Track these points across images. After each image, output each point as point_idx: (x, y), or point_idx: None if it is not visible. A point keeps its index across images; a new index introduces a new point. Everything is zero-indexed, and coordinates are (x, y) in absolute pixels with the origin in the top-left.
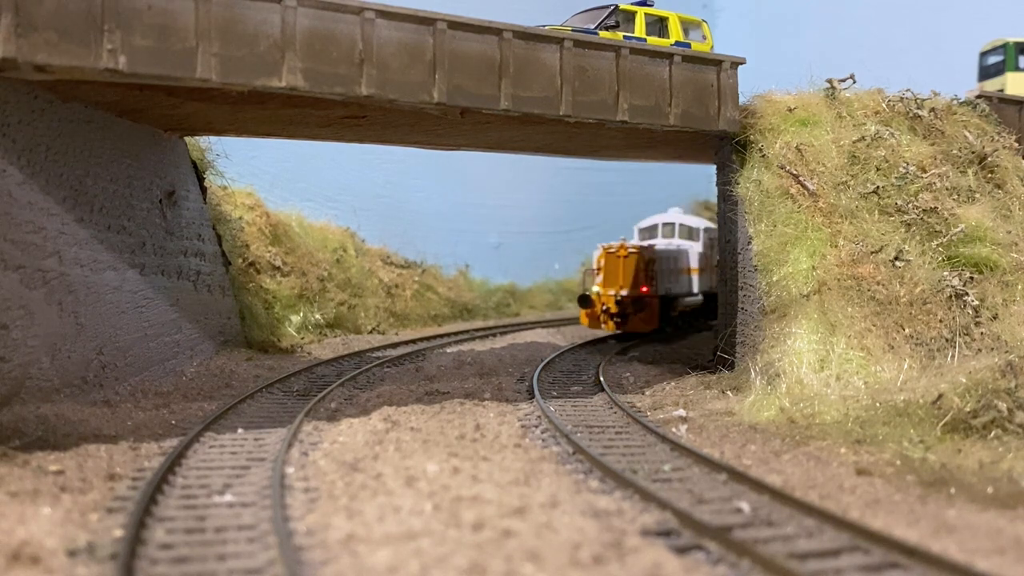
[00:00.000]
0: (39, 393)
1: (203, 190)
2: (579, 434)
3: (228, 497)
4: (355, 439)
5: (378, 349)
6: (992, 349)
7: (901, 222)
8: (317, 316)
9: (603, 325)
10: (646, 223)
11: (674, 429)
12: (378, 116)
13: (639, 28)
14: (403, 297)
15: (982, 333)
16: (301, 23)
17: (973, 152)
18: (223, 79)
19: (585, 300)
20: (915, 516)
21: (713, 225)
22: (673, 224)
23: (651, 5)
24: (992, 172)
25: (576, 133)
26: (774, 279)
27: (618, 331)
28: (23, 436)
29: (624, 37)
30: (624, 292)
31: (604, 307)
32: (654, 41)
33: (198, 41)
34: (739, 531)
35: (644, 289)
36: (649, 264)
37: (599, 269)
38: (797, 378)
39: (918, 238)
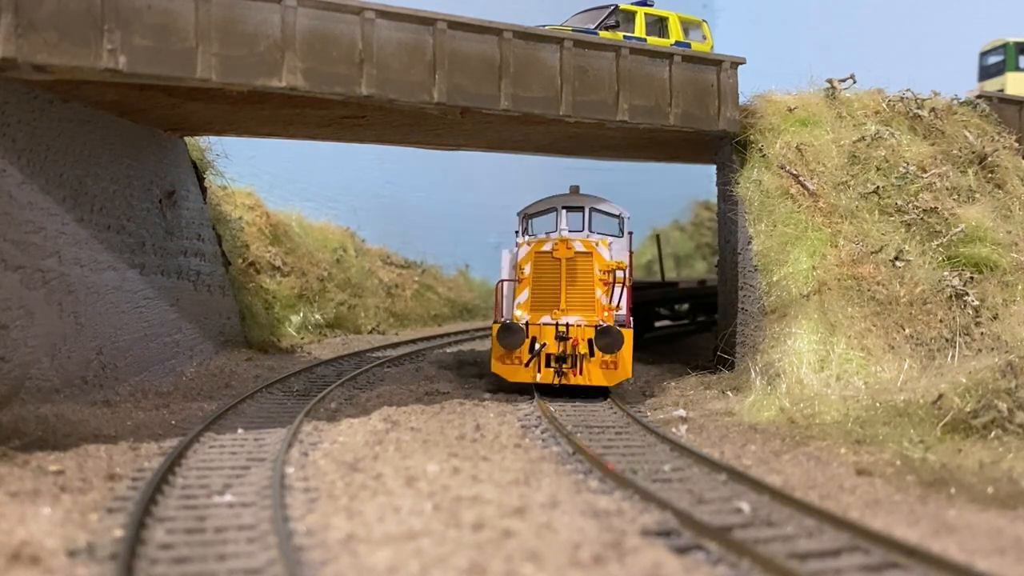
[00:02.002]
0: (39, 393)
1: (203, 190)
2: (579, 434)
3: (228, 497)
4: (355, 439)
5: (378, 349)
6: (992, 349)
7: (901, 222)
8: (317, 316)
9: (537, 375)
10: (540, 205)
11: (674, 429)
12: (378, 116)
13: (639, 28)
14: (403, 297)
15: (982, 333)
16: (301, 23)
17: (973, 152)
18: (223, 79)
19: (511, 334)
20: (915, 516)
21: (628, 214)
22: (583, 209)
23: (651, 5)
24: (992, 172)
25: (576, 133)
26: (774, 279)
27: (557, 382)
28: (23, 436)
29: (624, 37)
30: (572, 319)
31: (537, 344)
32: (654, 41)
33: (198, 41)
34: (739, 531)
35: (608, 314)
36: (613, 272)
37: (523, 279)
38: (797, 378)
39: (918, 238)
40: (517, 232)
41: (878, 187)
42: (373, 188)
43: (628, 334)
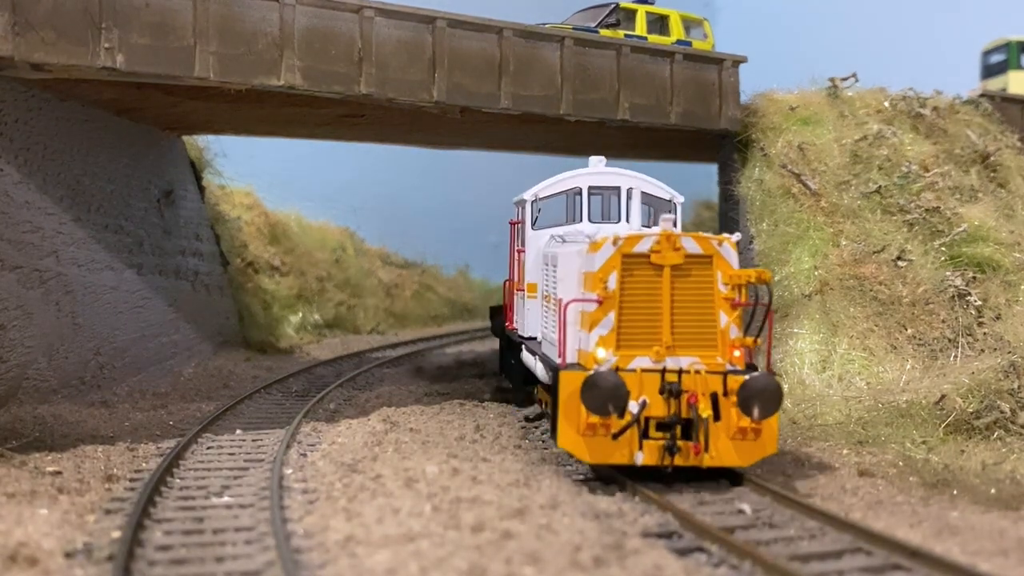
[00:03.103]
0: (36, 394)
1: (201, 189)
2: None
3: (226, 498)
4: (354, 440)
5: (377, 350)
6: (995, 350)
7: (903, 221)
8: (316, 316)
9: (638, 454)
10: (557, 185)
11: None
12: (377, 115)
13: (640, 26)
14: (402, 297)
15: (985, 333)
16: (300, 21)
17: (976, 151)
18: (221, 77)
19: (607, 390)
20: (918, 518)
21: (681, 198)
22: (617, 191)
23: (652, 3)
24: (995, 171)
25: (577, 132)
26: (776, 279)
27: (668, 464)
28: (20, 437)
29: (625, 35)
30: (685, 361)
31: (633, 403)
32: (655, 39)
33: (196, 39)
34: (741, 533)
35: (739, 352)
36: (747, 287)
37: (605, 299)
38: (799, 379)
39: (920, 238)
40: (518, 224)
41: (880, 186)
42: (373, 188)
43: (778, 385)
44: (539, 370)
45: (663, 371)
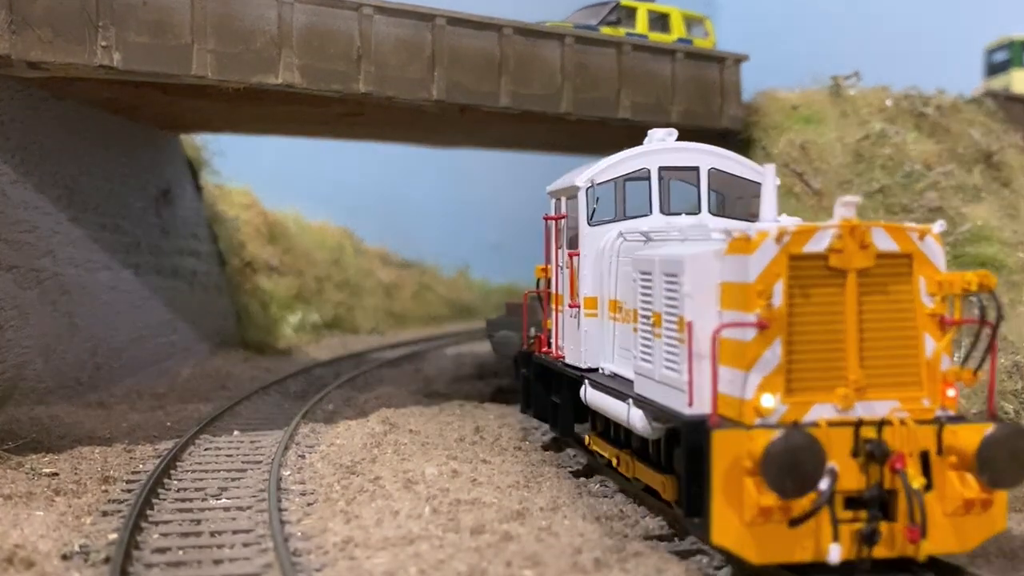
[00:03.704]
0: (33, 395)
1: (199, 188)
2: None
3: (224, 500)
4: (352, 441)
5: (376, 350)
6: (999, 350)
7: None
8: (315, 316)
9: (833, 545)
10: (617, 168)
11: None
12: (376, 113)
13: (641, 24)
14: (402, 297)
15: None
16: (298, 19)
17: (979, 150)
18: (219, 76)
19: (800, 463)
20: None
21: (776, 181)
22: (695, 171)
23: (653, 1)
24: (998, 170)
25: (578, 131)
26: None
27: (867, 557)
28: (17, 438)
29: (626, 33)
30: (882, 406)
31: (823, 470)
32: (656, 37)
33: (193, 37)
34: None
35: (953, 391)
36: (965, 297)
37: (771, 322)
38: None
39: None
40: (561, 219)
41: (883, 186)
42: (372, 187)
43: None
44: (636, 421)
45: (858, 424)
